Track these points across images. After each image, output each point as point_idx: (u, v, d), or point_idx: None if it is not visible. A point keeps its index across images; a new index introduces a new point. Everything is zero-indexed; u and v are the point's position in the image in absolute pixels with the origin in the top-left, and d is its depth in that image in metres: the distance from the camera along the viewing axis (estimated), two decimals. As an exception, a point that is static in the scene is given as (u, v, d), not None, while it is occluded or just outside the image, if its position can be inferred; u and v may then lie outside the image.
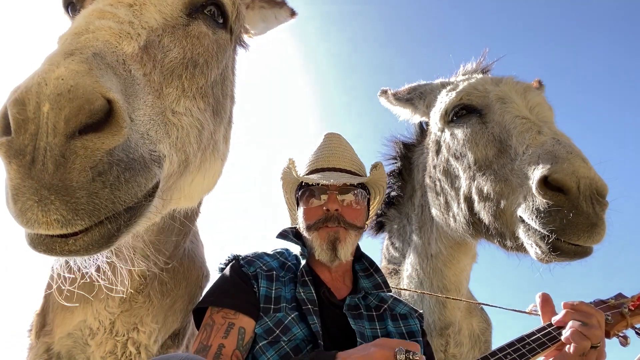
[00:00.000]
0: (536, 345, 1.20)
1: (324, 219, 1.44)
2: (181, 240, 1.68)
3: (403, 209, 2.23)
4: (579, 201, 1.20)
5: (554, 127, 1.48)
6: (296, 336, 1.27)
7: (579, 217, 1.21)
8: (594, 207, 1.20)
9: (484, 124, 1.64)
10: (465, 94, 1.74)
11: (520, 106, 1.57)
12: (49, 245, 0.63)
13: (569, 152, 1.26)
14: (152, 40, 0.83)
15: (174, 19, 0.91)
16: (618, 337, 1.26)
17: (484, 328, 2.08)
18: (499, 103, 1.61)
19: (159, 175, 0.75)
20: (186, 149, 0.88)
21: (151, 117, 0.78)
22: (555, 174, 1.21)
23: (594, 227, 1.21)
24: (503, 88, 1.67)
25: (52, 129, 0.59)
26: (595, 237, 1.22)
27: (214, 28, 1.01)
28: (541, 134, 1.40)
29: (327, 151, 1.61)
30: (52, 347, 1.66)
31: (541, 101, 1.62)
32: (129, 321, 1.66)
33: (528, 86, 1.71)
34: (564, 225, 1.22)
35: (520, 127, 1.47)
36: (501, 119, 1.56)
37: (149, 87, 0.79)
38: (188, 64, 0.91)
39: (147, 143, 0.74)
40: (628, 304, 1.30)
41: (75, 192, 0.60)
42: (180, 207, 1.09)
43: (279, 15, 1.47)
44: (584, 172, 1.20)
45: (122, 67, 0.72)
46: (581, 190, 1.20)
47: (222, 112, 1.09)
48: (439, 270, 1.91)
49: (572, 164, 1.21)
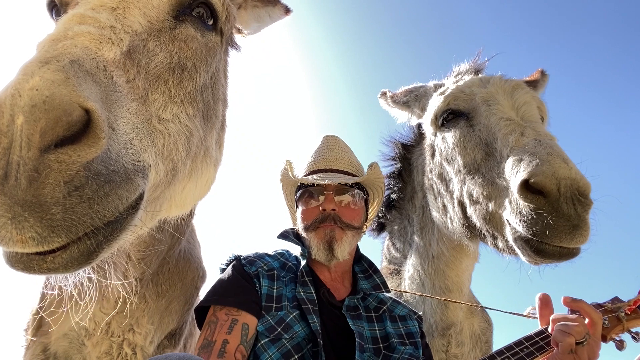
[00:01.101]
0: (534, 349, 1.19)
1: (321, 219, 1.46)
2: (175, 242, 1.67)
3: (404, 210, 2.22)
4: (560, 203, 1.18)
5: (538, 126, 1.45)
6: (298, 334, 1.28)
7: (559, 220, 1.19)
8: (575, 208, 1.18)
9: (472, 127, 1.63)
10: (453, 98, 1.73)
11: (506, 107, 1.54)
12: (26, 263, 0.61)
13: (549, 153, 1.23)
14: (136, 45, 0.80)
15: (160, 22, 0.88)
16: (615, 341, 1.26)
17: (485, 328, 2.07)
18: (484, 105, 1.60)
19: (143, 186, 0.73)
20: (174, 157, 0.85)
21: (135, 125, 0.75)
22: (535, 176, 1.20)
23: (575, 229, 1.19)
24: (490, 89, 1.65)
25: (27, 142, 0.56)
26: (577, 239, 1.20)
27: (202, 30, 0.98)
28: (524, 135, 1.37)
29: (325, 153, 1.61)
30: (49, 347, 1.66)
31: (528, 100, 1.58)
32: (125, 322, 1.65)
33: (517, 84, 1.67)
34: (546, 228, 1.20)
35: (504, 130, 1.44)
36: (487, 121, 1.54)
37: (133, 93, 0.77)
38: (175, 69, 0.88)
39: (130, 153, 0.71)
40: (624, 308, 1.29)
41: (50, 208, 0.57)
42: (171, 215, 1.07)
43: (272, 14, 1.43)
44: (565, 173, 1.18)
45: (102, 74, 0.69)
46: (562, 192, 1.18)
47: (213, 116, 1.06)
48: (440, 271, 1.90)
49: (551, 166, 1.19)
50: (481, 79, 1.75)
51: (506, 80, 1.70)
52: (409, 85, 2.17)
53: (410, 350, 1.37)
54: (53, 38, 0.69)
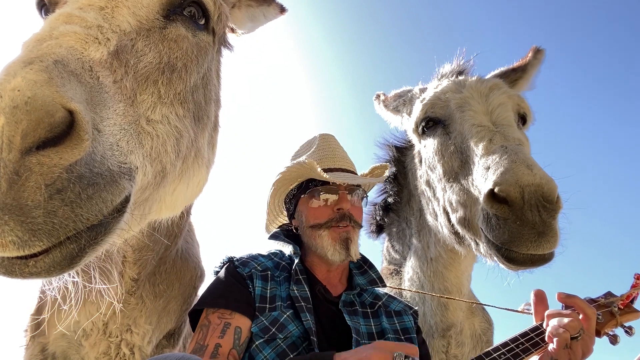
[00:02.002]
0: (530, 345, 1.20)
1: (338, 218, 1.45)
2: (172, 243, 1.67)
3: (402, 212, 2.22)
4: (524, 211, 1.17)
5: (508, 130, 1.44)
6: (292, 333, 1.28)
7: (524, 228, 1.18)
8: (540, 215, 1.17)
9: (448, 134, 1.63)
10: (430, 106, 1.72)
11: (478, 112, 1.53)
12: (7, 267, 0.60)
13: (513, 160, 1.22)
14: (125, 44, 0.79)
15: (150, 21, 0.87)
16: (608, 335, 1.26)
17: (486, 328, 2.06)
18: (458, 112, 1.59)
19: (129, 189, 0.72)
20: (162, 159, 0.84)
21: (122, 126, 0.74)
22: (499, 185, 1.19)
23: (541, 236, 1.18)
24: (465, 93, 1.63)
25: (7, 144, 0.56)
26: (544, 246, 1.20)
27: (194, 30, 0.97)
28: (492, 142, 1.37)
29: (329, 152, 1.62)
30: (47, 347, 1.67)
31: (503, 101, 1.57)
32: (122, 322, 1.65)
33: (493, 85, 1.65)
34: (512, 236, 1.20)
35: (474, 137, 1.43)
36: (461, 128, 1.54)
37: (121, 94, 0.76)
38: (165, 69, 0.86)
39: (116, 155, 0.70)
40: (617, 303, 1.29)
41: (31, 212, 0.56)
42: (162, 217, 1.06)
43: (267, 13, 1.41)
44: (528, 180, 1.16)
45: (88, 75, 0.68)
46: (525, 200, 1.17)
47: (205, 117, 1.04)
48: (439, 273, 1.89)
49: (515, 174, 1.18)
50: (458, 83, 1.73)
51: (482, 82, 1.68)
52: (400, 88, 2.16)
53: None
54: (38, 38, 0.68)
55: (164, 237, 1.59)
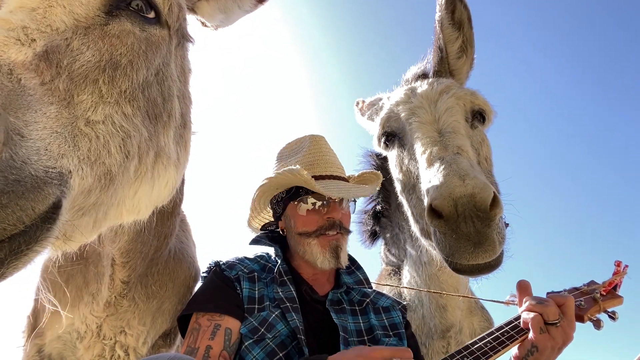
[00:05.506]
0: (515, 332, 1.23)
1: (327, 227, 1.45)
2: (163, 244, 1.65)
3: (394, 217, 2.17)
4: (458, 223, 1.15)
5: (449, 138, 1.40)
6: (281, 332, 1.29)
7: (460, 240, 1.18)
8: (474, 225, 1.15)
9: (403, 147, 1.61)
10: (385, 120, 1.70)
11: (425, 122, 1.49)
12: None
13: (446, 173, 1.20)
14: (57, 44, 0.75)
15: (89, 19, 0.83)
16: (592, 321, 1.31)
17: (486, 327, 2.01)
18: (407, 124, 1.55)
19: (57, 195, 0.68)
20: (105, 161, 0.80)
21: (54, 129, 0.71)
22: (435, 200, 1.18)
23: (477, 247, 1.17)
24: (414, 103, 1.59)
25: None
26: (482, 256, 1.17)
27: (142, 24, 0.92)
28: (432, 154, 1.34)
29: (319, 156, 1.58)
30: (44, 348, 1.70)
31: (450, 105, 1.51)
32: (116, 325, 1.66)
33: (443, 88, 1.59)
34: (452, 249, 1.19)
35: (419, 149, 1.41)
36: (411, 139, 1.50)
37: (52, 96, 0.72)
38: (106, 67, 0.82)
39: (43, 159, 0.67)
40: (600, 290, 1.34)
41: None
42: (125, 221, 1.03)
43: (242, 4, 1.35)
44: (460, 192, 1.14)
45: (6, 78, 0.65)
46: (459, 212, 1.14)
47: (164, 115, 1.00)
48: (434, 276, 1.85)
49: (448, 187, 1.16)
50: (411, 91, 1.68)
51: (433, 87, 1.62)
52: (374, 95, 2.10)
53: (394, 341, 1.39)
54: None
55: (153, 238, 1.58)
